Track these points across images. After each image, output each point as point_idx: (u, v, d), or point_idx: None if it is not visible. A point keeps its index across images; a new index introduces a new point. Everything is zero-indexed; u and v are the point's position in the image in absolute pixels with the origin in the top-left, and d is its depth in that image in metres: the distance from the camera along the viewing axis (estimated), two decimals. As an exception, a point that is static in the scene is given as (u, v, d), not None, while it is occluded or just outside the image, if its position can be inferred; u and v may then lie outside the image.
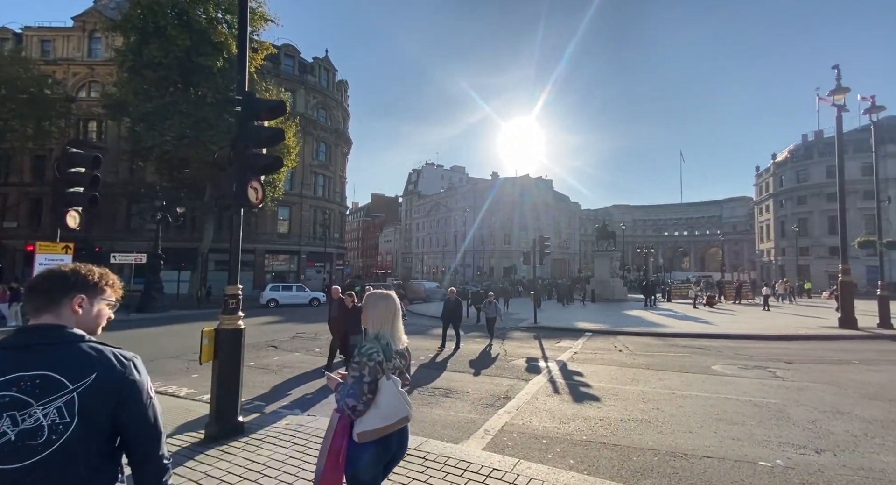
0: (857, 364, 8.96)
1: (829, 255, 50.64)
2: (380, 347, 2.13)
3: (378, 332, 2.22)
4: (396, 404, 2.09)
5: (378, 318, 2.25)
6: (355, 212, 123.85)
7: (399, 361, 2.23)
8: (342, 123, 46.92)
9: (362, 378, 2.04)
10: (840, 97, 14.49)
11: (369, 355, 2.08)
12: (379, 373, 2.07)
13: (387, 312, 2.27)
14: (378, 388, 2.07)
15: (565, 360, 9.44)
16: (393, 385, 2.10)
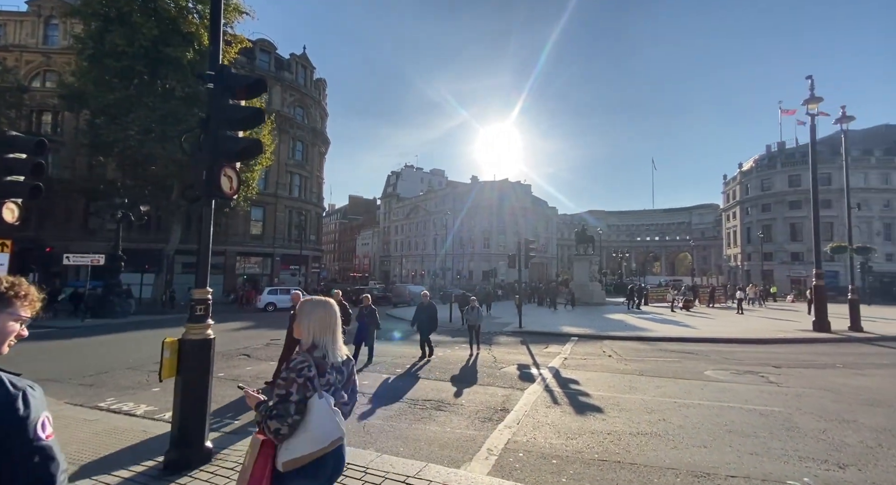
0: (842, 368, 9.03)
1: (790, 260, 53.17)
2: (312, 361, 1.89)
3: (312, 343, 1.97)
4: (328, 424, 1.84)
5: (312, 328, 2.00)
6: (332, 214, 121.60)
7: (335, 376, 1.97)
8: (320, 121, 45.76)
9: (288, 397, 1.79)
10: (813, 106, 14.96)
11: (298, 370, 1.84)
12: (309, 390, 1.83)
13: (323, 322, 2.01)
14: (308, 408, 1.82)
15: (557, 366, 9.10)
16: (325, 404, 1.85)
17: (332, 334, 2.02)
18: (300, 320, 2.04)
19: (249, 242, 35.90)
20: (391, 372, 8.65)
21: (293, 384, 1.82)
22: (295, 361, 1.90)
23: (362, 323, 9.49)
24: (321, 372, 1.91)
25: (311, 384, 1.84)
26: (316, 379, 1.87)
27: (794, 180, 53.88)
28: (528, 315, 20.79)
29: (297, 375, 1.83)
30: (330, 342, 2.00)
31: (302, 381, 1.83)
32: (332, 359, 1.99)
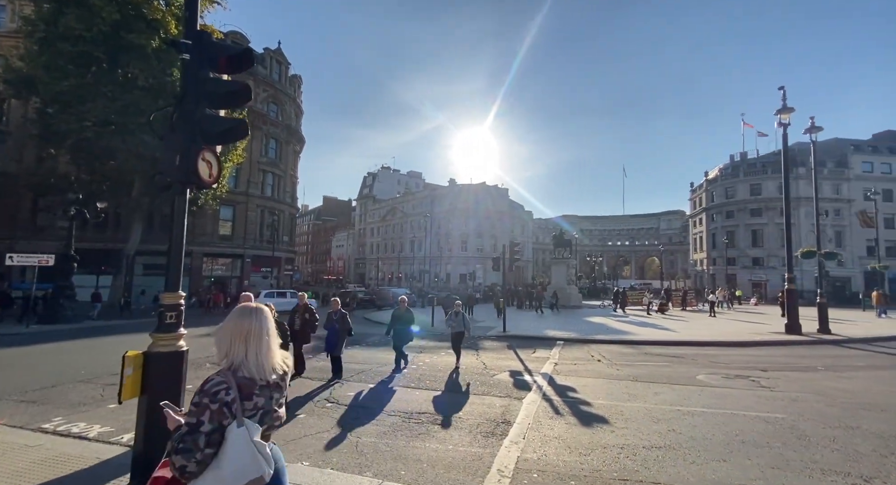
0: (823, 371, 9.20)
1: (752, 265, 55.85)
2: (234, 382, 1.61)
3: (232, 360, 1.67)
4: (246, 460, 1.55)
5: (234, 341, 1.69)
6: (305, 215, 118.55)
7: (264, 399, 1.68)
8: (295, 119, 44.35)
9: (198, 427, 1.52)
10: (785, 116, 15.52)
11: (213, 394, 1.56)
12: (226, 418, 1.56)
13: (248, 333, 1.70)
14: (223, 439, 1.55)
15: (550, 372, 8.82)
16: (244, 434, 1.56)
17: (258, 348, 1.70)
18: (220, 332, 1.73)
19: (218, 243, 34.17)
20: (376, 381, 8.10)
21: (205, 411, 1.54)
22: (210, 382, 1.60)
23: (332, 330, 8.37)
24: (246, 394, 1.62)
25: (228, 410, 1.56)
26: (237, 404, 1.58)
27: (755, 189, 56.71)
28: (510, 319, 20.61)
29: (212, 399, 1.55)
30: (257, 358, 1.68)
31: (217, 407, 1.55)
32: (261, 377, 1.68)
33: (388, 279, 65.43)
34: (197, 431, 1.52)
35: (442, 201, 64.14)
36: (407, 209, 71.47)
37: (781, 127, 15.64)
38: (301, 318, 8.55)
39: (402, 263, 65.52)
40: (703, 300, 30.99)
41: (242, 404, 1.61)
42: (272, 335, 1.76)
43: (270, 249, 36.14)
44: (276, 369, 1.75)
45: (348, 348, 12.26)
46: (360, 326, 18.58)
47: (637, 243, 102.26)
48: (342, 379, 8.19)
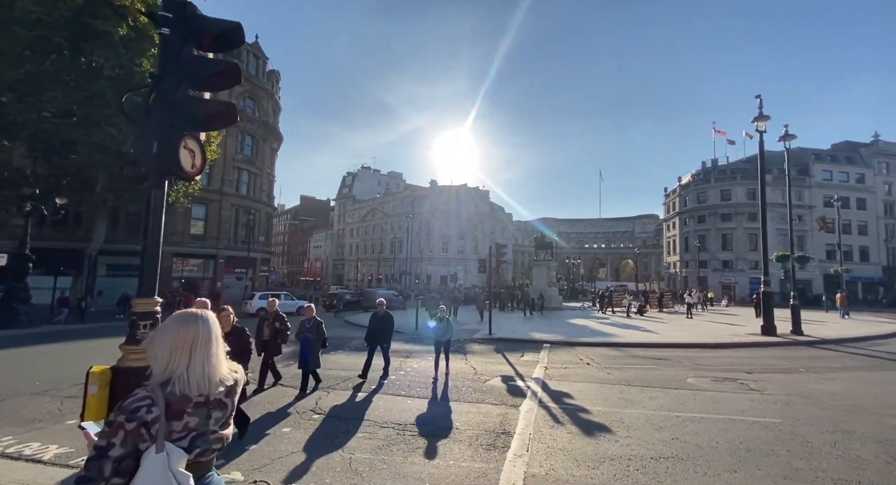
0: (805, 373, 9.39)
1: (722, 268, 57.95)
2: (160, 398, 1.39)
3: (162, 372, 1.45)
4: None
5: (176, 350, 1.47)
6: (281, 215, 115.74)
7: (198, 419, 1.45)
8: (272, 115, 43.09)
9: (107, 451, 1.31)
10: (762, 124, 16.02)
11: (131, 411, 1.35)
12: (143, 440, 1.34)
13: (184, 341, 1.48)
14: (139, 466, 1.33)
15: (542, 377, 8.65)
16: (162, 462, 1.34)
17: (205, 357, 1.49)
18: (153, 342, 1.52)
19: (189, 243, 32.67)
20: (365, 389, 7.72)
21: (118, 432, 1.32)
22: (131, 398, 1.38)
23: (305, 341, 7.51)
24: (175, 413, 1.40)
25: (146, 431, 1.34)
26: (159, 424, 1.36)
27: (725, 194, 58.93)
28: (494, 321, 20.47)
29: (129, 417, 1.33)
30: (203, 369, 1.48)
31: (133, 427, 1.33)
32: (206, 391, 1.47)
33: (368, 281, 64.45)
34: (104, 456, 1.30)
35: (423, 202, 63.72)
36: (387, 210, 70.68)
37: (757, 134, 16.14)
38: (271, 327, 7.71)
39: (382, 264, 64.69)
40: (680, 302, 31.80)
41: (168, 425, 1.38)
42: (220, 343, 1.56)
43: (245, 249, 34.86)
44: (224, 380, 1.54)
45: (332, 353, 11.84)
46: (342, 330, 18.01)
47: (613, 246, 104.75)
48: (328, 388, 7.77)
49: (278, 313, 7.88)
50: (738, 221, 57.38)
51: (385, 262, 64.39)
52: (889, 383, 8.26)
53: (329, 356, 11.35)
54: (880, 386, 8.02)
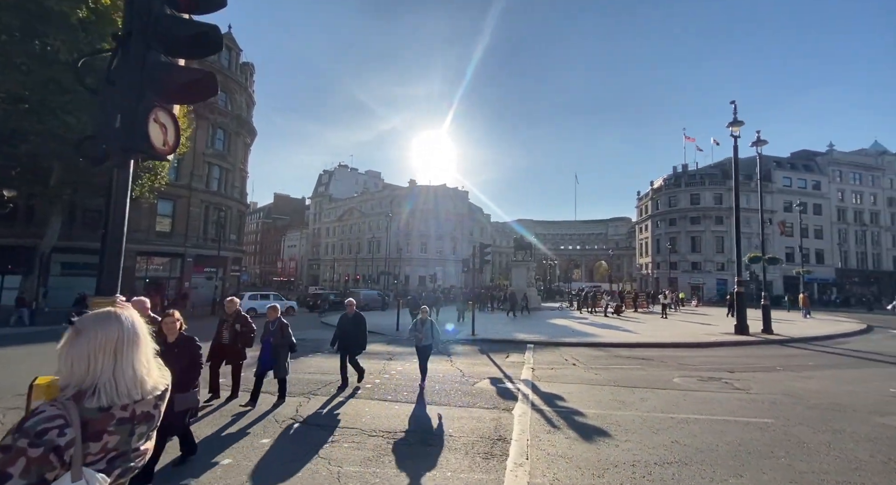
0: (783, 371, 9.61)
1: (691, 269, 60.08)
2: (73, 416, 1.16)
3: (77, 384, 1.23)
4: None
5: (97, 355, 1.26)
6: (254, 213, 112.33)
7: (119, 437, 1.25)
8: (246, 109, 41.54)
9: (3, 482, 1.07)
10: (736, 129, 16.50)
11: (36, 435, 1.10)
12: (52, 469, 1.11)
13: (120, 342, 1.30)
14: None
15: (531, 379, 8.47)
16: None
17: (134, 359, 1.31)
18: (68, 349, 1.27)
19: (154, 240, 30.96)
20: (346, 394, 7.30)
21: (18, 460, 1.07)
22: (36, 417, 1.14)
23: (266, 345, 6.70)
24: (94, 433, 1.20)
25: (57, 458, 1.12)
26: (75, 448, 1.15)
27: (695, 199, 61.15)
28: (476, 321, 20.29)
29: (33, 441, 1.10)
30: (135, 373, 1.30)
31: (39, 453, 1.09)
32: (138, 396, 1.29)
33: (345, 281, 63.19)
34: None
35: (402, 202, 63.04)
36: (365, 209, 69.57)
37: (726, 140, 16.63)
38: (230, 330, 6.86)
39: (360, 264, 63.57)
40: (654, 302, 32.60)
41: (85, 447, 1.18)
42: (148, 344, 1.39)
43: (216, 248, 33.37)
44: (157, 387, 1.37)
45: (311, 356, 11.30)
46: (321, 332, 17.34)
47: (587, 248, 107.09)
48: (308, 393, 7.31)
49: (239, 314, 7.03)
50: (706, 224, 59.65)
51: (363, 262, 63.31)
52: (862, 382, 8.52)
53: (308, 359, 10.83)
54: (855, 384, 8.26)
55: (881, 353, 12.33)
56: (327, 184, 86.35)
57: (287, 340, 6.80)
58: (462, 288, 51.89)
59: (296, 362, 9.06)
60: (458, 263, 66.83)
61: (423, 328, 7.99)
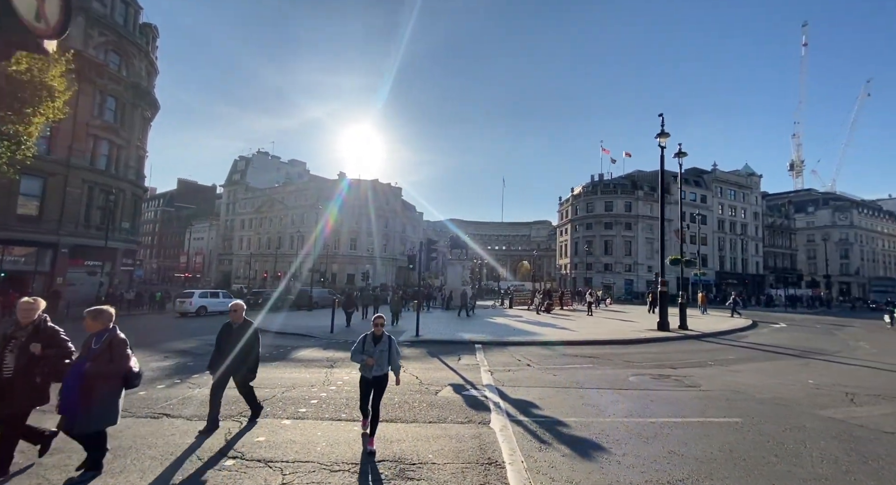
0: (715, 366, 10.31)
1: (604, 270, 65.63)
2: None
3: None
4: None
5: None
6: (152, 199, 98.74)
7: None
8: (146, 78, 35.76)
9: None
10: (663, 140, 17.88)
11: None
12: None
13: None
14: None
15: (493, 384, 7.92)
16: None
17: None
18: None
19: (15, 226, 25.02)
20: (292, 414, 6.05)
21: None
22: None
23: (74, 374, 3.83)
24: None
25: None
26: None
27: (609, 206, 66.91)
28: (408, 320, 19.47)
29: None
30: None
31: None
32: None
33: (264, 278, 57.95)
34: None
35: (330, 195, 59.56)
36: (289, 201, 64.56)
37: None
38: (23, 352, 3.87)
39: (281, 260, 58.77)
40: (580, 301, 34.65)
41: None
42: None
43: (102, 237, 28.05)
44: None
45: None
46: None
47: (512, 248, 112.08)
48: (238, 415, 5.90)
49: (42, 326, 4.05)
50: (617, 229, 65.60)
51: (284, 258, 58.65)
52: (782, 374, 9.39)
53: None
54: (779, 377, 9.04)
55: (778, 345, 14.06)
56: (244, 171, 78.65)
57: (120, 366, 3.98)
58: (395, 287, 50.59)
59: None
60: (390, 260, 65.30)
61: (375, 349, 5.25)
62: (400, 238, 64.76)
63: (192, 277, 72.78)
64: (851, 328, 21.08)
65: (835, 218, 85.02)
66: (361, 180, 61.00)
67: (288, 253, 59.46)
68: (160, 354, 11.40)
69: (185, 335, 16.12)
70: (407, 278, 63.99)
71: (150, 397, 6.90)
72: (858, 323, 24.35)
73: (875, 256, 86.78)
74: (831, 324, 23.29)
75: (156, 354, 11.41)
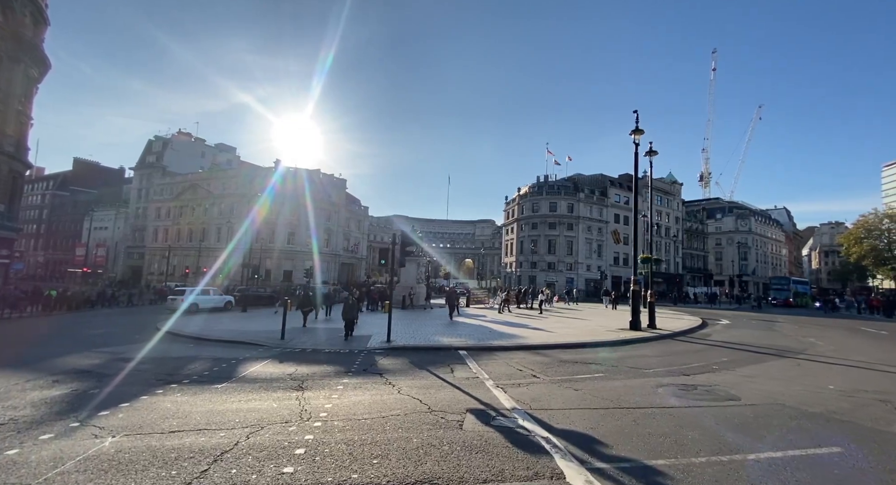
0: (721, 371, 9.80)
1: (547, 268, 67.58)
2: None
3: None
4: None
5: None
6: (37, 181, 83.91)
7: None
8: (32, 28, 29.18)
9: None
10: (637, 136, 17.71)
11: None
12: None
13: None
14: None
15: (518, 406, 6.46)
16: None
17: None
18: None
19: None
20: (279, 479, 4.03)
21: None
22: None
23: None
24: None
25: None
26: None
27: (553, 206, 69.00)
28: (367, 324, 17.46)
29: None
30: None
31: None
32: None
33: (185, 275, 51.08)
34: None
35: (265, 184, 54.17)
36: (215, 189, 57.74)
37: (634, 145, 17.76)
38: None
39: (205, 254, 52.29)
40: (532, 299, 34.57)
41: None
42: None
43: (-36, 221, 22.03)
44: None
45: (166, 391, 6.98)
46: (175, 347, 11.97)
47: (457, 246, 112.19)
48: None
49: None
50: (560, 229, 67.85)
51: (209, 252, 52.27)
52: (792, 378, 9.07)
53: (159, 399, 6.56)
54: (793, 382, 8.62)
55: (748, 343, 14.26)
56: (160, 153, 69.24)
57: None
58: (336, 286, 47.16)
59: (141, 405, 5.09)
60: (333, 256, 61.20)
61: None
62: (344, 233, 61.07)
63: (91, 272, 62.37)
64: (779, 323, 22.83)
65: (737, 224, 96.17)
66: (301, 169, 56.31)
67: (214, 247, 53.19)
68: (47, 378, 8.34)
69: (85, 346, 12.59)
70: (350, 276, 60.50)
71: (23, 464, 4.38)
72: (781, 318, 26.71)
73: (766, 259, 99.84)
74: (761, 320, 25.16)
75: (40, 377, 8.34)
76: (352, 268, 62.60)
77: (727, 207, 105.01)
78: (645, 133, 17.66)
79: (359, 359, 10.42)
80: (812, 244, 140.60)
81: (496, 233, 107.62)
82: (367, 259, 70.32)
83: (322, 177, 58.36)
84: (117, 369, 9.30)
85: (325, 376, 8.60)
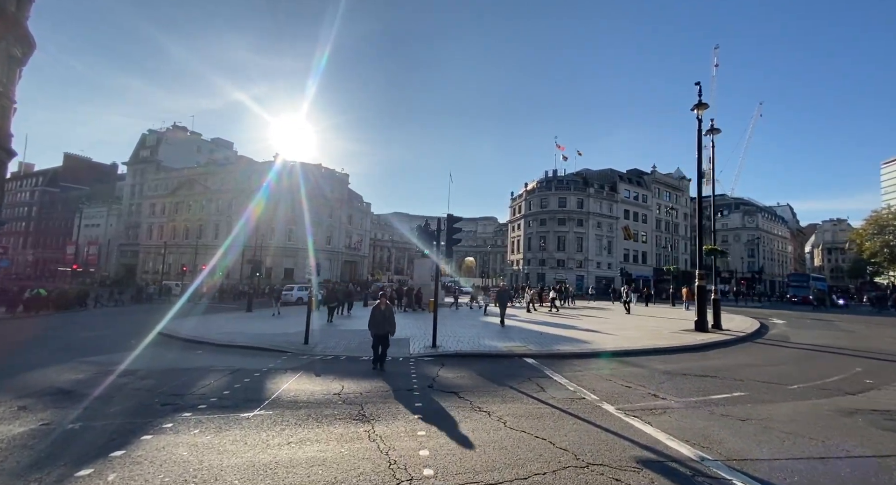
0: (879, 386, 7.84)
1: (557, 266, 65.72)
2: None
3: None
4: None
5: None
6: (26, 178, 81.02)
7: None
8: (16, 6, 26.69)
9: None
10: (700, 111, 15.63)
11: None
12: None
13: None
14: None
15: (708, 455, 4.42)
16: None
17: None
18: None
19: None
20: None
21: None
22: None
23: None
24: None
25: None
26: None
27: (562, 202, 67.08)
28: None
29: None
30: None
31: None
32: None
33: (182, 273, 48.64)
34: None
35: (263, 179, 51.79)
36: (212, 184, 55.28)
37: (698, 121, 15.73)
38: None
39: (203, 252, 49.83)
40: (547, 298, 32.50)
41: None
42: None
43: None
44: None
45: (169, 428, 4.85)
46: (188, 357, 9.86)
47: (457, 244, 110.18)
48: None
49: None
50: (570, 225, 65.97)
51: (207, 249, 49.84)
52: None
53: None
54: None
55: (839, 347, 12.30)
56: (155, 147, 66.57)
57: None
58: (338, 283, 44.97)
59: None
60: (335, 254, 58.93)
61: None
62: (346, 230, 58.84)
63: (83, 271, 59.69)
64: (838, 323, 20.97)
65: (744, 221, 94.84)
66: (303, 164, 53.97)
67: (211, 244, 50.79)
68: (10, 403, 6.18)
69: (69, 353, 10.41)
70: (352, 274, 58.31)
71: None
72: (829, 316, 24.87)
73: (773, 256, 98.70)
74: (815, 319, 23.25)
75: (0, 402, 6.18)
76: (353, 266, 60.35)
77: (733, 204, 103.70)
78: (707, 107, 15.64)
79: (411, 371, 8.33)
80: (814, 241, 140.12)
81: (498, 231, 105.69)
82: (370, 257, 68.05)
83: (324, 172, 56.07)
84: (109, 386, 7.17)
85: (384, 396, 6.51)
